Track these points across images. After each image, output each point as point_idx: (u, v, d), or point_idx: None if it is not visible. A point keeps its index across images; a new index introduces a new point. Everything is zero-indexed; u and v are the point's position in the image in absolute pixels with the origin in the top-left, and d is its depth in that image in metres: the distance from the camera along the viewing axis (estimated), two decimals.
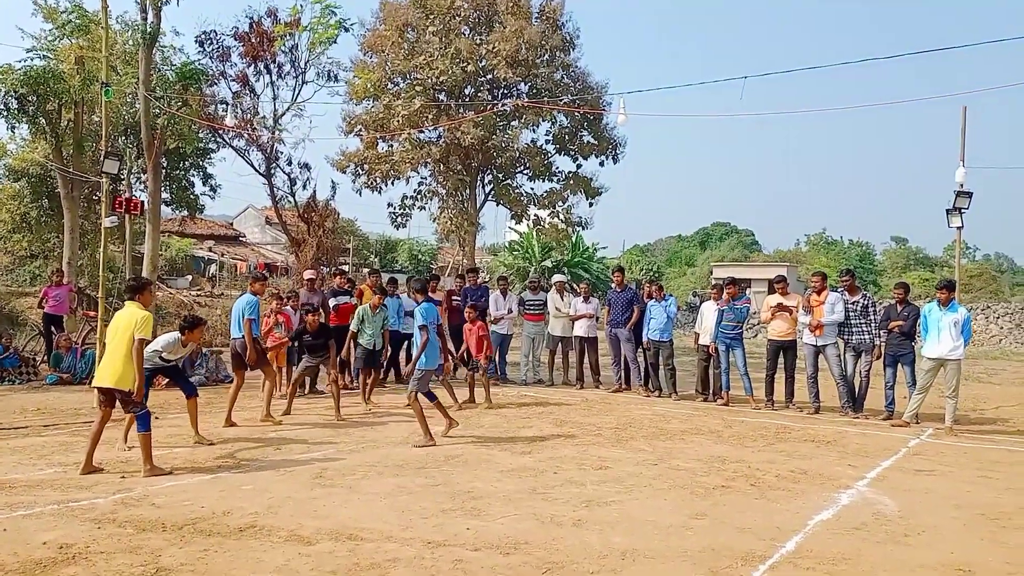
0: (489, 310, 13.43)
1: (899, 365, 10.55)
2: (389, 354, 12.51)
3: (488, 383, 11.33)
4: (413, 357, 8.49)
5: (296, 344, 10.85)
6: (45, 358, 13.50)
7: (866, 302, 10.80)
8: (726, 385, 11.72)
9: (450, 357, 11.47)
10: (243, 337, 9.20)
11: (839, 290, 11.17)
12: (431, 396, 8.74)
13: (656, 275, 50.76)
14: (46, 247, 25.41)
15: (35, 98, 17.50)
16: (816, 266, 45.80)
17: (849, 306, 10.79)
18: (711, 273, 47.43)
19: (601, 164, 24.83)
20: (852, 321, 10.74)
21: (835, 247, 62.48)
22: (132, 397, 6.68)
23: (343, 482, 6.58)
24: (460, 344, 11.87)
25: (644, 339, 12.38)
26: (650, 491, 6.48)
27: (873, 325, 10.67)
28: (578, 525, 5.46)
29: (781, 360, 11.37)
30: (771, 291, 11.73)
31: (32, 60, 18.13)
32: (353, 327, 10.79)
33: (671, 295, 12.84)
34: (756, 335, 28.89)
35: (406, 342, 12.32)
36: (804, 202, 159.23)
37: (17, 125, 18.59)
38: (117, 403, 6.90)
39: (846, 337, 10.84)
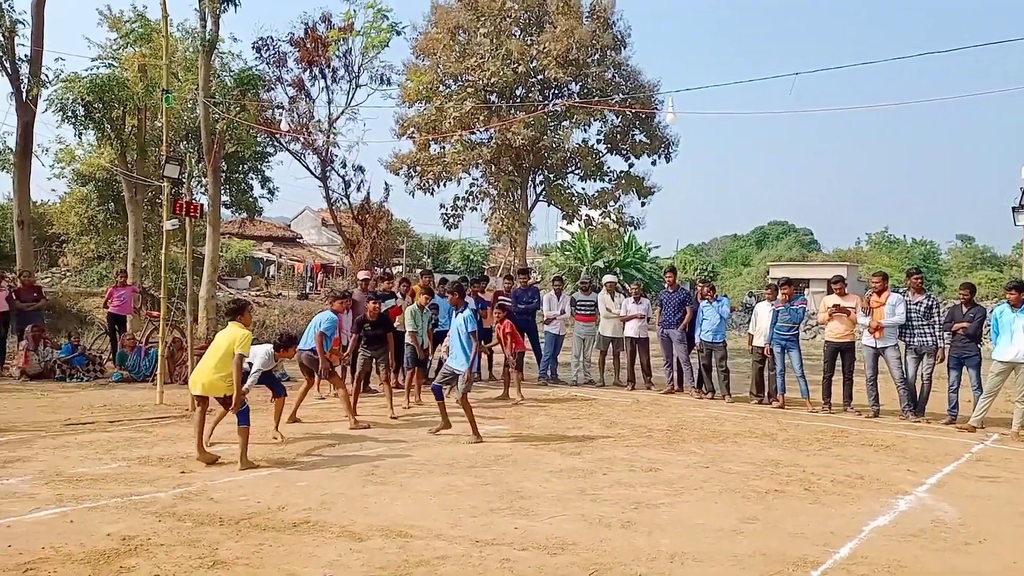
0: (542, 310, 13.49)
1: (964, 368, 10.21)
2: None
3: (519, 378, 11.54)
4: (469, 363, 8.62)
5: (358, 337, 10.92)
6: (110, 356, 13.95)
7: (930, 303, 10.49)
8: (781, 387, 11.52)
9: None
10: (310, 350, 9.51)
11: (901, 290, 10.87)
12: (440, 395, 8.83)
13: (711, 275, 50.15)
14: (112, 249, 26.24)
15: (101, 105, 18.04)
16: (877, 266, 44.66)
17: (912, 307, 10.49)
18: (767, 273, 46.65)
19: (653, 163, 24.67)
20: (914, 322, 10.44)
21: (897, 246, 60.73)
22: (231, 404, 7.22)
23: (395, 479, 6.67)
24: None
25: (696, 340, 12.25)
26: (701, 494, 6.41)
27: (936, 327, 10.36)
28: (626, 527, 5.44)
29: (839, 362, 11.13)
30: (829, 291, 11.48)
31: (97, 68, 18.76)
32: (410, 326, 10.89)
33: (724, 295, 12.66)
34: (815, 336, 28.34)
35: None
36: (865, 200, 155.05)
37: (84, 131, 19.24)
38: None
39: (907, 339, 10.55)
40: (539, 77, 23.21)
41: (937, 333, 10.33)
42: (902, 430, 9.77)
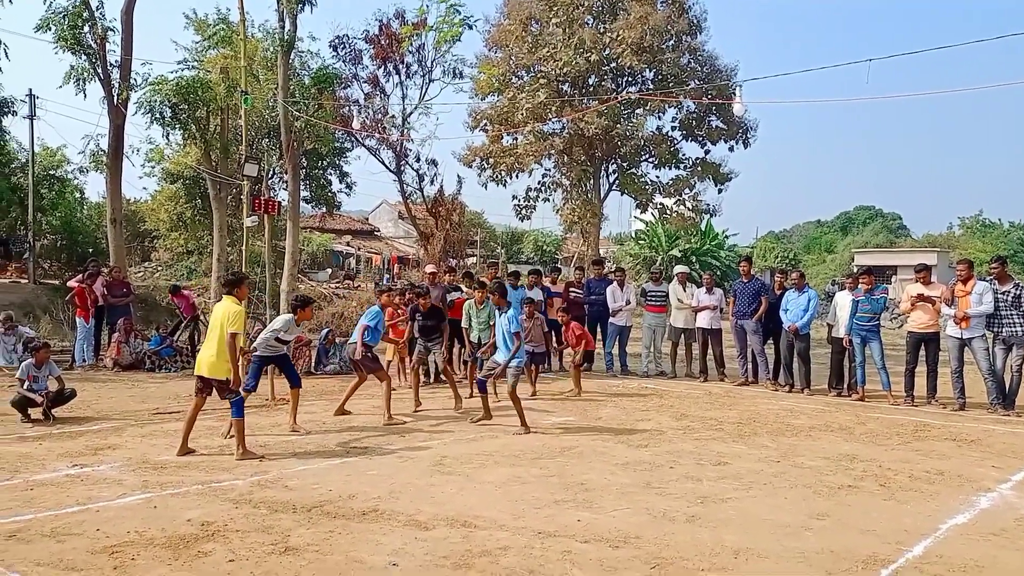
0: (608, 302, 13.34)
1: None
2: None
3: (579, 374, 11.35)
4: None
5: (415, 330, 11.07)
6: (197, 348, 14.51)
7: (1018, 291, 9.99)
8: (861, 379, 11.18)
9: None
10: (355, 342, 9.59)
11: (988, 279, 10.40)
12: (483, 388, 9.14)
13: (792, 263, 48.78)
14: (200, 244, 27.33)
15: (186, 106, 18.73)
16: (971, 251, 42.63)
17: (999, 296, 10.03)
18: (852, 260, 45.14)
19: (731, 149, 24.16)
20: (1002, 312, 9.98)
21: (993, 230, 57.74)
22: (229, 386, 7.15)
23: (461, 470, 6.77)
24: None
25: (785, 325, 11.71)
26: (770, 489, 6.30)
27: None
28: (691, 521, 5.40)
29: (923, 353, 10.72)
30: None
31: (183, 71, 19.51)
32: (464, 323, 10.98)
33: (809, 286, 12.21)
34: (901, 326, 27.28)
35: None
36: (958, 182, 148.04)
37: (171, 131, 20.03)
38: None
39: (995, 329, 10.09)
40: (612, 65, 22.98)
41: None
42: (989, 424, 9.35)
